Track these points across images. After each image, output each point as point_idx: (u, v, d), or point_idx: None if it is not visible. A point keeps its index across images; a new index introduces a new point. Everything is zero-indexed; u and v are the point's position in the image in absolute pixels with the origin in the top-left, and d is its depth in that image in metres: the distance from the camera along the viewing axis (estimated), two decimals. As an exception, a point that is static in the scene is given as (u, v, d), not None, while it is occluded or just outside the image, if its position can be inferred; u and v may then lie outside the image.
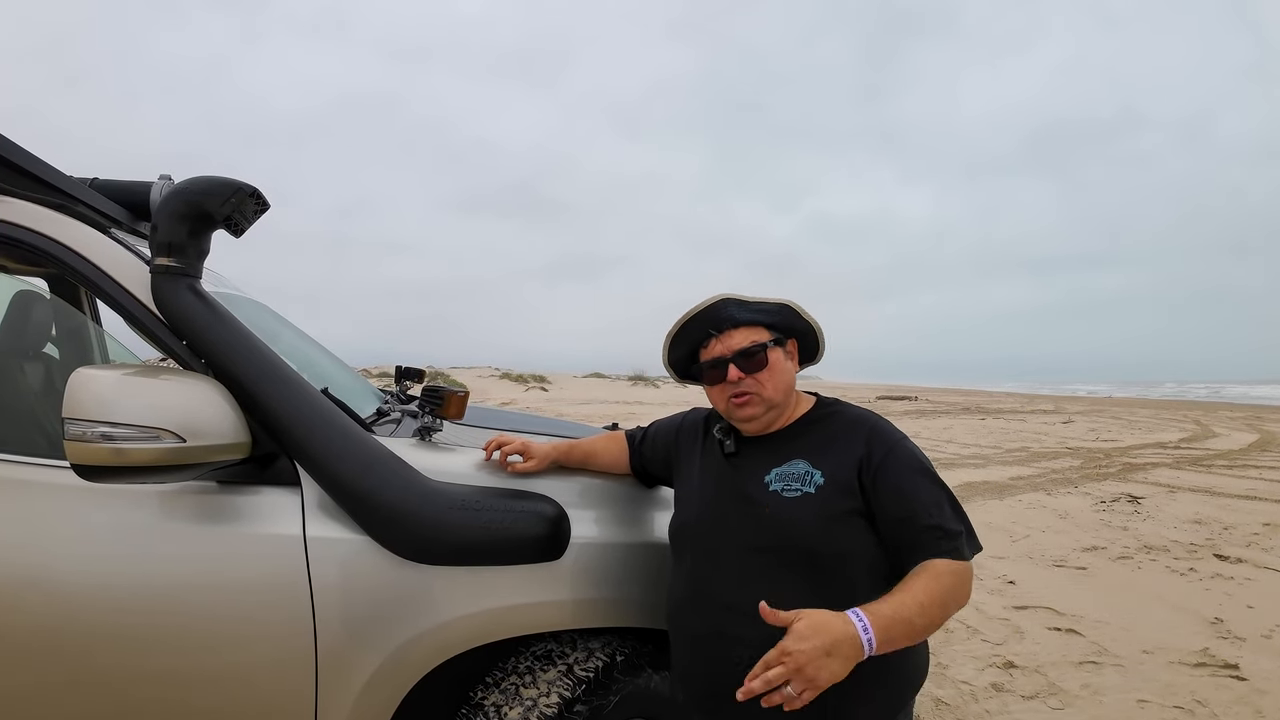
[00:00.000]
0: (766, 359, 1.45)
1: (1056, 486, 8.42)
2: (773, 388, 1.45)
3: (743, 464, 1.48)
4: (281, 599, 1.40)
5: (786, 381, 1.48)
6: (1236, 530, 6.20)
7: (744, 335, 1.46)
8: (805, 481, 1.37)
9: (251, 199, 1.57)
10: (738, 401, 1.45)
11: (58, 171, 1.68)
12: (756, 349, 1.44)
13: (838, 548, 1.32)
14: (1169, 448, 12.96)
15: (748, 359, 1.44)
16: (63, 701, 1.39)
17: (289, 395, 1.48)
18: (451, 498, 1.48)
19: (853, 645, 1.13)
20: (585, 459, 1.74)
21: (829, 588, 1.30)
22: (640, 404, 23.82)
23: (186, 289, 1.52)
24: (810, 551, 1.32)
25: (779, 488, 1.39)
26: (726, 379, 1.44)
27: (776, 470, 1.42)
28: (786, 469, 1.41)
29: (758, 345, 1.45)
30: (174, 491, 1.44)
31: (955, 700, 3.01)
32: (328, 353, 2.64)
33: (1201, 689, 3.16)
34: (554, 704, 1.50)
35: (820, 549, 1.32)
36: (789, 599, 1.29)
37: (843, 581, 1.31)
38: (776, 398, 1.45)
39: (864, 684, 1.28)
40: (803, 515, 1.34)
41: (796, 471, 1.39)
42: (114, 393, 1.26)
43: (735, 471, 1.48)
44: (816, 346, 1.57)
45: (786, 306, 1.50)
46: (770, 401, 1.45)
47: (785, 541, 1.34)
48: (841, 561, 1.32)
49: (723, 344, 1.46)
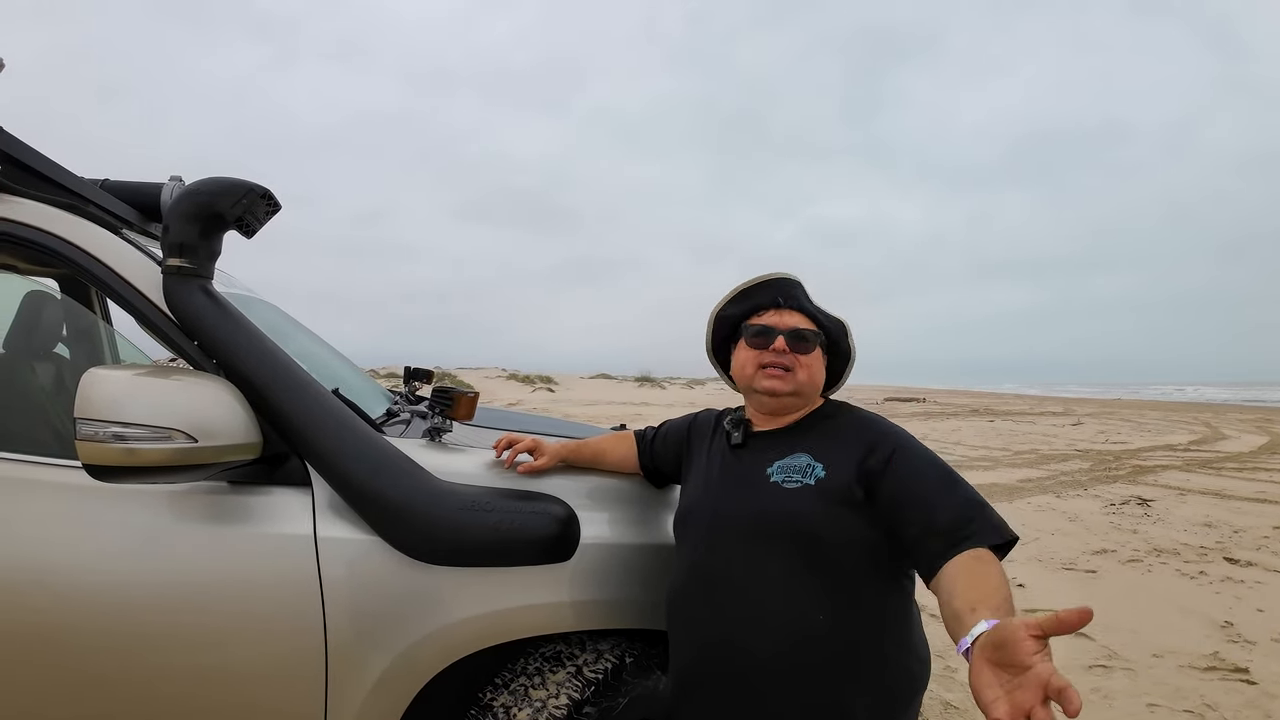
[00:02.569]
0: (814, 348, 1.49)
1: (1066, 489, 8.38)
2: (806, 375, 1.48)
3: (747, 455, 1.49)
4: (292, 599, 1.40)
5: (817, 378, 1.51)
6: (1247, 533, 6.16)
7: (803, 320, 1.50)
8: (806, 474, 1.37)
9: (263, 200, 1.57)
10: (769, 371, 1.46)
11: (69, 172, 1.69)
12: (812, 335, 1.48)
13: (834, 537, 1.31)
14: (1179, 450, 12.89)
15: (799, 340, 1.47)
16: (73, 701, 1.39)
17: (300, 396, 1.48)
18: (461, 498, 1.48)
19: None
20: (594, 458, 1.74)
21: (827, 574, 1.30)
22: (646, 405, 23.81)
23: (198, 289, 1.52)
24: (807, 537, 1.31)
25: (780, 479, 1.39)
26: (770, 347, 1.46)
27: (779, 462, 1.42)
28: (789, 461, 1.41)
29: (814, 332, 1.49)
30: (185, 491, 1.45)
31: (964, 704, 2.99)
32: (337, 354, 2.64)
33: (1211, 693, 3.14)
34: (563, 705, 1.50)
35: (815, 535, 1.31)
36: (787, 586, 1.31)
37: (841, 569, 1.30)
38: (806, 386, 1.48)
39: (863, 680, 1.28)
40: (800, 506, 1.34)
41: (798, 464, 1.39)
42: (125, 393, 1.27)
43: (738, 462, 1.49)
44: (841, 373, 1.59)
45: (843, 324, 1.55)
46: (799, 386, 1.47)
47: (781, 530, 1.34)
48: (838, 550, 1.31)
49: (781, 318, 1.49)
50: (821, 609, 1.29)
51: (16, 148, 1.55)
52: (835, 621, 1.28)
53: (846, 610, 1.29)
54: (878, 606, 1.33)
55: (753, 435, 1.52)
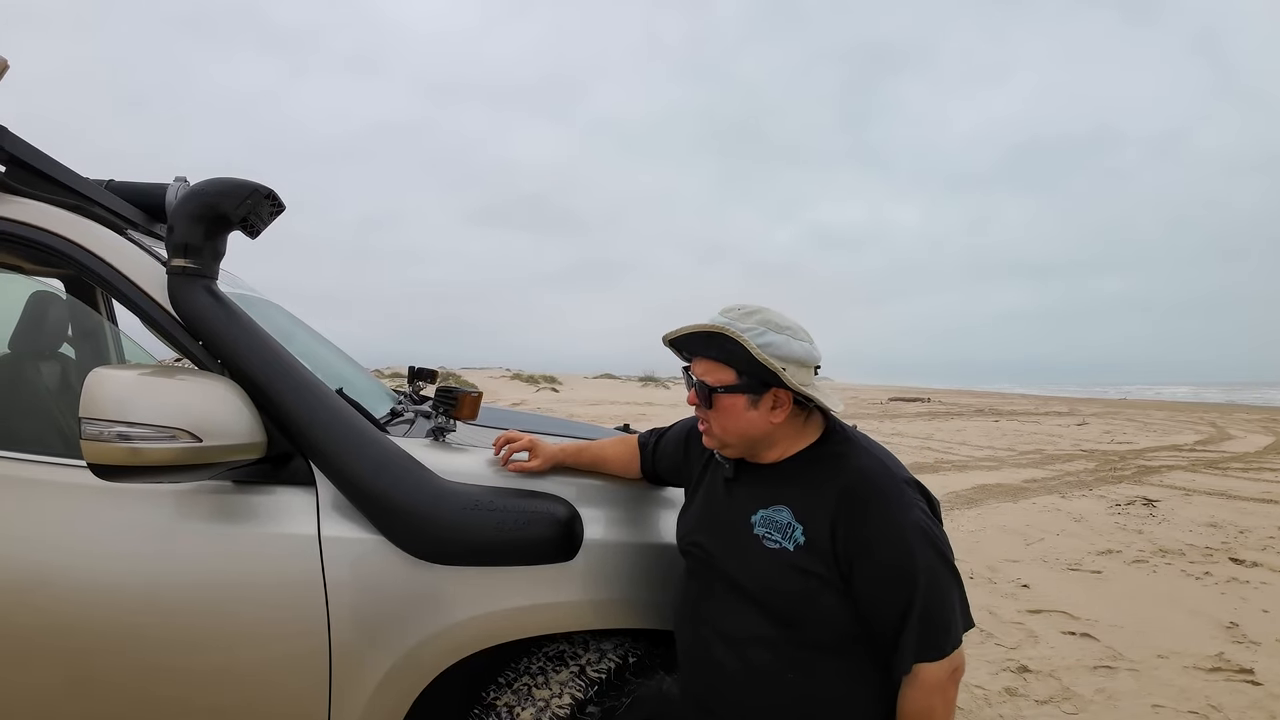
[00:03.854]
0: (712, 400, 1.36)
1: (1071, 489, 8.35)
2: (720, 428, 1.38)
3: (736, 492, 1.44)
4: (296, 598, 1.40)
5: (738, 427, 1.36)
6: (1252, 534, 6.14)
7: (706, 369, 1.37)
8: (786, 535, 1.31)
9: (267, 200, 1.57)
10: (701, 428, 1.44)
11: (74, 173, 1.70)
12: (705, 389, 1.36)
13: (808, 614, 1.29)
14: (1184, 450, 12.85)
15: (700, 392, 1.38)
16: (77, 699, 1.40)
17: (304, 396, 1.49)
18: (465, 498, 1.48)
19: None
20: (595, 462, 1.73)
21: (800, 646, 1.30)
22: (650, 405, 23.81)
23: (203, 290, 1.53)
24: (782, 608, 1.31)
25: (762, 533, 1.35)
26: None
27: (763, 512, 1.36)
28: (772, 513, 1.35)
29: (709, 386, 1.36)
30: (189, 491, 1.45)
31: (969, 705, 2.99)
32: (342, 353, 2.65)
33: (1216, 694, 3.13)
34: (566, 705, 1.50)
35: (791, 608, 1.30)
36: (754, 636, 1.34)
37: (813, 640, 1.30)
38: (727, 439, 1.38)
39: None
40: (777, 572, 1.31)
41: (780, 520, 1.34)
42: (130, 392, 1.27)
43: (728, 500, 1.45)
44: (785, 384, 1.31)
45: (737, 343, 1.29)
46: (724, 441, 1.39)
47: (760, 591, 1.33)
48: (812, 625, 1.29)
49: (695, 369, 1.40)
50: (788, 666, 1.30)
51: (22, 149, 1.56)
52: (799, 680, 1.30)
53: (810, 672, 1.30)
54: (841, 672, 1.31)
55: (743, 468, 1.45)
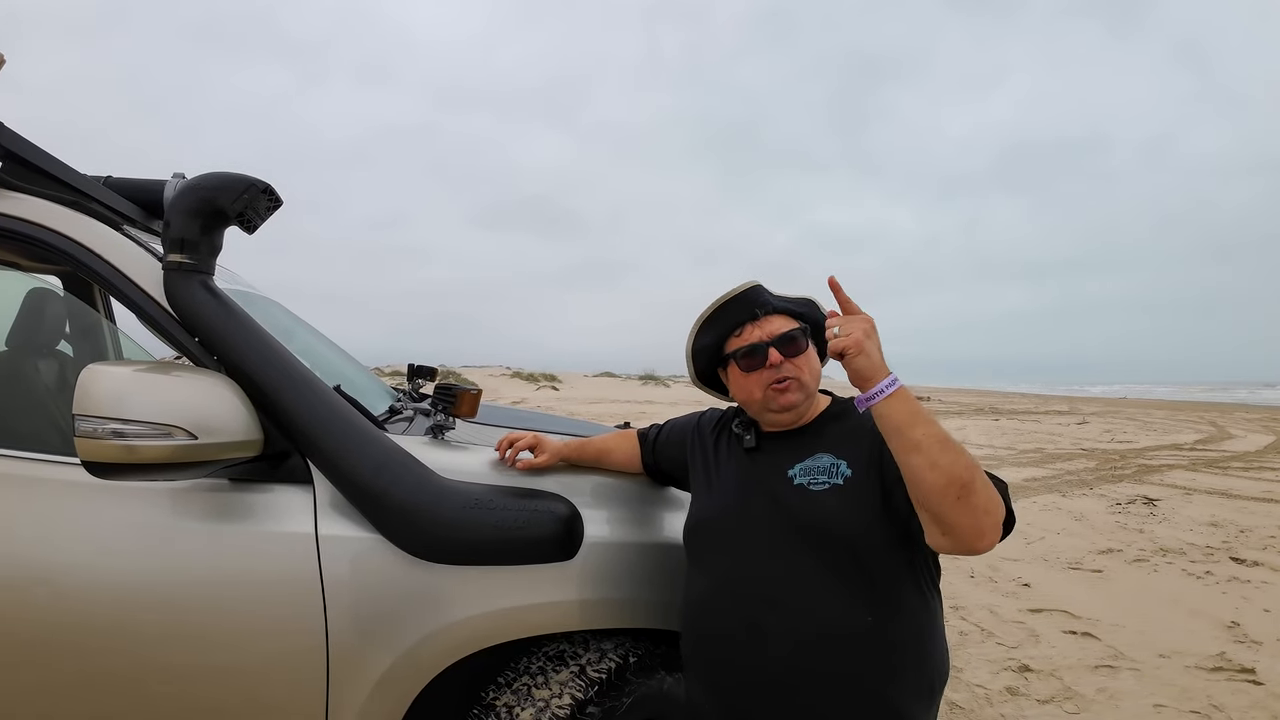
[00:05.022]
0: (806, 344, 1.44)
1: (1071, 488, 8.34)
2: (810, 374, 1.43)
3: (763, 459, 1.45)
4: (293, 597, 1.39)
5: (818, 371, 1.47)
6: (1253, 533, 6.13)
7: (782, 321, 1.45)
8: (832, 474, 1.35)
9: (264, 195, 1.56)
10: (779, 387, 1.40)
11: (71, 169, 1.68)
12: (797, 333, 1.43)
13: (868, 538, 1.29)
14: (1185, 449, 12.84)
15: (789, 344, 1.41)
16: (75, 698, 1.39)
17: (302, 393, 1.47)
18: (464, 496, 1.46)
19: (882, 366, 1.21)
20: (598, 457, 1.72)
21: (865, 575, 1.28)
22: (651, 403, 23.80)
23: (199, 285, 1.51)
24: (842, 541, 1.29)
25: (805, 481, 1.36)
26: (767, 364, 1.40)
27: (800, 465, 1.38)
28: (810, 463, 1.38)
29: (798, 329, 1.44)
30: (186, 489, 1.44)
31: (970, 704, 2.98)
32: (340, 350, 2.64)
33: (1218, 693, 3.12)
34: (566, 705, 1.49)
35: (850, 538, 1.29)
36: (827, 589, 1.29)
37: (878, 569, 1.28)
38: (813, 385, 1.45)
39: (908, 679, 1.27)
40: (834, 507, 1.31)
41: (821, 465, 1.37)
42: (125, 389, 1.26)
43: (756, 466, 1.45)
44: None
45: (811, 301, 1.50)
46: (809, 389, 1.43)
47: (816, 535, 1.31)
48: (873, 551, 1.28)
49: (761, 329, 1.43)
50: (866, 610, 1.27)
51: (19, 144, 1.54)
52: (879, 622, 1.27)
53: (888, 610, 1.28)
54: (915, 605, 1.31)
55: (765, 437, 1.49)
